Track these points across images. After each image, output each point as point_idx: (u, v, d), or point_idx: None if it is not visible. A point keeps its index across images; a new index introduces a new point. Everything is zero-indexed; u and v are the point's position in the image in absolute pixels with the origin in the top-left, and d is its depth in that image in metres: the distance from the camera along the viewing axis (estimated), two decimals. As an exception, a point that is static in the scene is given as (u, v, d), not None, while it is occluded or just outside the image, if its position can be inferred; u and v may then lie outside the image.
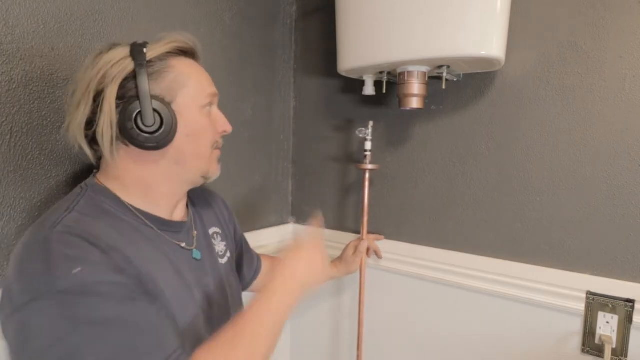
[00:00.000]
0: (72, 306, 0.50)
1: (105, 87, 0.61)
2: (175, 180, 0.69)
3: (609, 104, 0.85)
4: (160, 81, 0.64)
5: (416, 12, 0.85)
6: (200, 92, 0.68)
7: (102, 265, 0.54)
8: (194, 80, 0.68)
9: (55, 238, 0.54)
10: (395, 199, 1.15)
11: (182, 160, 0.67)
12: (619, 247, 0.86)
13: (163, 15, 0.94)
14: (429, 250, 1.09)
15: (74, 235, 0.55)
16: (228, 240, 0.86)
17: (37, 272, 0.52)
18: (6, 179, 0.71)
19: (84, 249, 0.54)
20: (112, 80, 0.61)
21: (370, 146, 1.07)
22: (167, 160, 0.66)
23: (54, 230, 0.55)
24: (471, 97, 1.01)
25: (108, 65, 0.62)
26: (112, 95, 0.61)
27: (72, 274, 0.51)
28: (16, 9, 0.71)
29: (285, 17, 1.29)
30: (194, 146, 0.68)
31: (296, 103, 1.34)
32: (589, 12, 0.86)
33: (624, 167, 0.84)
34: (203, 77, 0.70)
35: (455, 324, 1.06)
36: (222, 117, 0.74)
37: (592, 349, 0.88)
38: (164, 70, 0.64)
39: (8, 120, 0.71)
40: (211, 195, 0.89)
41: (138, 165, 0.66)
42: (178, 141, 0.65)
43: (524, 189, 0.95)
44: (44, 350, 0.49)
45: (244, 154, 1.19)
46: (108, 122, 0.61)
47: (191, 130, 0.67)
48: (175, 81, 0.65)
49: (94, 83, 0.62)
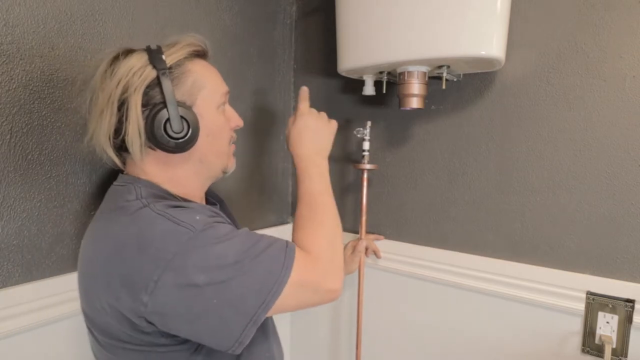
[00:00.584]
0: (214, 236, 0.59)
1: (129, 96, 0.63)
2: (201, 177, 0.73)
3: (609, 104, 0.85)
4: (180, 86, 0.66)
5: (416, 12, 0.85)
6: (216, 92, 0.71)
7: (206, 211, 0.63)
8: (210, 82, 0.70)
9: (158, 207, 0.60)
10: (395, 199, 1.15)
11: (206, 159, 0.71)
12: (619, 247, 0.86)
13: (163, 15, 0.94)
14: (429, 250, 1.09)
15: (166, 205, 0.61)
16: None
17: (169, 230, 0.57)
18: (6, 179, 0.71)
19: (183, 208, 0.61)
20: (135, 89, 0.63)
21: (368, 146, 1.06)
22: (192, 161, 0.70)
23: (150, 205, 0.60)
24: (471, 97, 1.01)
25: (129, 74, 0.63)
26: (137, 104, 0.63)
27: (197, 220, 0.59)
28: (16, 9, 0.71)
29: (285, 17, 1.29)
30: (214, 145, 0.71)
31: (296, 103, 1.33)
32: (589, 12, 0.86)
33: (624, 167, 0.84)
34: (217, 77, 0.73)
35: (455, 324, 1.06)
36: (234, 112, 0.77)
37: (592, 349, 0.88)
38: (183, 75, 0.67)
39: (8, 120, 0.71)
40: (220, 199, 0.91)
41: (167, 166, 0.69)
42: (201, 142, 0.68)
43: (524, 189, 0.95)
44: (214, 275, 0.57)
45: (244, 154, 1.19)
46: (136, 130, 0.63)
47: (211, 130, 0.70)
48: (194, 85, 0.67)
49: (116, 93, 0.63)
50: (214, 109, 0.70)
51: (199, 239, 0.57)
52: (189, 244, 0.56)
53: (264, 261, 0.60)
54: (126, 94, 0.63)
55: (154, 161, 0.68)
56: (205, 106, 0.69)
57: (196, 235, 0.57)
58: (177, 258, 0.56)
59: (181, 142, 0.64)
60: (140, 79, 0.63)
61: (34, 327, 0.75)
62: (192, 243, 0.57)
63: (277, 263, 0.60)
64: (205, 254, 0.57)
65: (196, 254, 0.57)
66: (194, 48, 0.69)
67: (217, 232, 0.60)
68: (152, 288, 0.55)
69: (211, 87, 0.70)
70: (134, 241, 0.57)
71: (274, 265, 0.60)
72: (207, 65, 0.72)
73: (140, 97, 0.63)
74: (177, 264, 0.56)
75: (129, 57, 0.65)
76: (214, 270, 0.57)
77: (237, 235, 0.61)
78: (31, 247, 0.75)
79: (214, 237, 0.59)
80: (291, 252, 0.62)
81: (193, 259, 0.56)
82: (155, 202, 0.61)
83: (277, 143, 1.30)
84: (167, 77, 0.63)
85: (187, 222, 0.58)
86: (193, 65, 0.68)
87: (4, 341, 0.71)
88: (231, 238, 0.60)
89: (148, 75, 0.63)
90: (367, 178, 1.09)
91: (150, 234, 0.57)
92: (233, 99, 1.14)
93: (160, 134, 0.63)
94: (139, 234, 0.58)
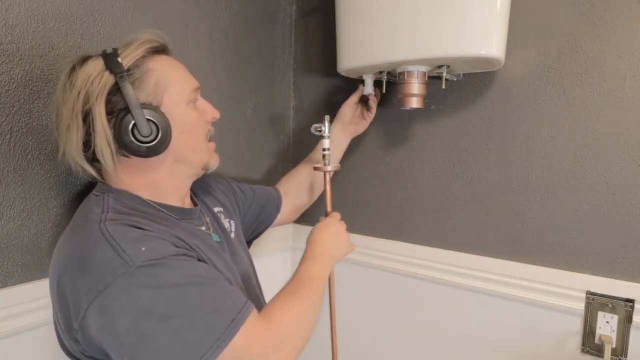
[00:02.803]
0: (152, 277, 0.53)
1: (92, 106, 0.61)
2: (180, 176, 0.71)
3: (609, 104, 0.85)
4: (144, 87, 0.64)
5: (416, 12, 0.85)
6: (184, 88, 0.68)
7: (161, 241, 0.58)
8: (176, 78, 0.68)
9: (111, 228, 0.56)
10: (395, 199, 1.15)
11: (182, 157, 0.69)
12: (619, 247, 0.86)
13: (163, 15, 0.94)
14: (429, 250, 1.08)
15: (123, 224, 0.58)
16: (232, 214, 0.89)
17: (108, 258, 0.53)
18: (6, 179, 0.71)
19: (136, 232, 0.57)
20: (97, 98, 0.60)
21: (328, 144, 0.93)
22: (168, 162, 0.68)
23: (106, 224, 0.57)
24: (471, 97, 1.01)
25: (88, 83, 0.61)
26: (102, 113, 0.61)
27: (143, 251, 0.54)
28: (16, 9, 0.71)
29: (285, 17, 1.29)
30: (189, 142, 0.69)
31: (296, 103, 1.34)
32: (589, 12, 0.86)
33: (624, 167, 0.84)
34: (183, 72, 0.70)
35: (455, 323, 1.06)
36: (208, 105, 0.74)
37: (592, 349, 0.88)
38: (144, 75, 0.64)
39: (8, 120, 0.71)
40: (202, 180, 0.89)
41: (143, 172, 0.67)
42: (174, 141, 0.66)
43: (524, 189, 0.95)
44: (135, 323, 0.52)
45: (244, 154, 1.19)
46: (105, 140, 0.61)
47: (183, 127, 0.68)
48: (158, 84, 0.65)
49: (78, 104, 0.61)
50: (184, 105, 0.68)
51: (135, 275, 0.52)
52: (122, 279, 0.52)
53: (199, 327, 0.53)
54: (89, 105, 0.61)
55: (129, 169, 0.66)
56: (173, 104, 0.66)
57: (132, 270, 0.52)
58: (108, 291, 0.52)
59: (153, 145, 0.63)
60: (99, 87, 0.60)
61: (34, 327, 0.75)
62: (127, 279, 0.52)
63: (213, 333, 0.53)
64: (136, 295, 0.52)
65: (126, 292, 0.52)
66: (151, 45, 0.67)
67: (160, 273, 0.54)
68: (82, 316, 0.54)
69: (178, 84, 0.67)
70: (78, 263, 0.55)
71: (210, 335, 0.53)
72: (171, 61, 0.69)
73: (103, 106, 0.60)
74: (106, 299, 0.52)
75: (85, 65, 0.62)
76: (139, 317, 0.52)
77: (188, 284, 0.55)
78: (31, 247, 0.75)
79: (153, 277, 0.53)
80: (240, 320, 0.55)
81: (121, 298, 0.52)
82: (114, 221, 0.58)
83: (277, 143, 1.30)
84: (126, 81, 0.61)
85: (128, 253, 0.53)
86: (154, 63, 0.66)
87: (4, 341, 0.71)
88: (174, 285, 0.54)
89: (107, 82, 0.61)
90: (329, 181, 0.94)
91: (90, 258, 0.54)
92: (233, 99, 1.15)
93: (130, 140, 0.61)
94: (83, 257, 0.55)
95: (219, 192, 0.91)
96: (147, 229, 0.59)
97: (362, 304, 1.22)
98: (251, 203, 0.97)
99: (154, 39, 0.67)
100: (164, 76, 0.66)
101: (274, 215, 1.01)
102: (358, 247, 1.19)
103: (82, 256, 0.55)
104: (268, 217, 1.00)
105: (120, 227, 0.57)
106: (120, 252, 0.53)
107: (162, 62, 0.67)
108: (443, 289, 1.07)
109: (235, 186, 0.96)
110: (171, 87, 0.66)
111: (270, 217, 1.01)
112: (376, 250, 1.17)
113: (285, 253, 1.35)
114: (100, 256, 0.54)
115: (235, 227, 0.87)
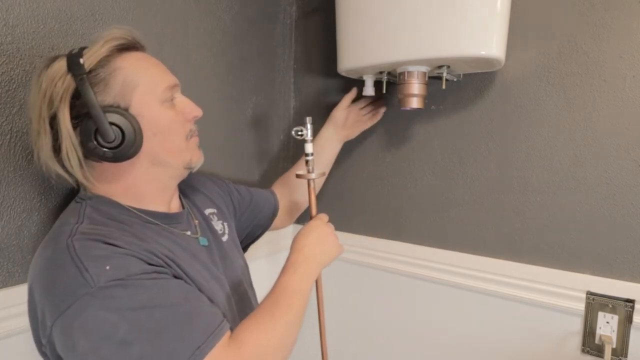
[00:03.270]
0: (114, 299, 0.51)
1: (57, 110, 0.58)
2: (160, 179, 0.68)
3: (609, 104, 0.85)
4: (110, 88, 0.60)
5: (416, 12, 0.85)
6: (156, 86, 0.64)
7: (128, 259, 0.55)
8: (146, 76, 0.63)
9: (78, 244, 0.54)
10: (395, 199, 1.15)
11: (158, 160, 0.66)
12: (619, 247, 0.86)
13: (163, 15, 0.94)
14: (429, 250, 1.08)
15: (91, 239, 0.55)
16: (226, 216, 0.87)
17: (71, 277, 0.52)
18: (6, 179, 0.71)
19: (104, 248, 0.55)
20: (61, 101, 0.58)
21: (311, 149, 0.84)
22: (144, 165, 0.65)
23: (74, 239, 0.55)
24: (471, 97, 1.01)
25: (52, 85, 0.58)
26: (66, 117, 0.58)
27: (106, 270, 0.52)
28: (16, 9, 0.71)
29: (285, 17, 1.29)
30: (165, 143, 0.65)
31: (296, 103, 1.34)
32: (589, 12, 0.86)
33: (624, 167, 0.84)
34: (155, 69, 0.66)
35: (455, 324, 1.06)
36: (189, 103, 0.70)
37: (592, 349, 0.88)
38: (111, 75, 0.60)
39: (8, 120, 0.71)
40: (197, 179, 0.88)
41: (118, 177, 0.65)
42: (149, 143, 0.63)
43: (524, 189, 0.95)
44: (95, 347, 0.50)
45: (244, 154, 1.19)
46: (70, 145, 0.59)
47: (157, 128, 0.64)
48: (125, 83, 0.61)
49: (44, 108, 0.59)
50: (157, 105, 0.64)
51: (97, 297, 0.50)
52: (84, 300, 0.50)
53: (160, 355, 0.51)
54: (53, 109, 0.58)
55: (103, 174, 0.64)
56: (144, 104, 0.62)
57: (94, 291, 0.50)
58: (70, 312, 0.50)
59: (120, 149, 0.59)
60: (62, 90, 0.58)
61: (34, 327, 0.75)
62: (88, 300, 0.50)
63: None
64: (96, 318, 0.50)
65: (86, 314, 0.50)
66: (117, 42, 0.62)
67: (123, 294, 0.52)
68: (48, 333, 0.53)
69: (148, 82, 0.63)
70: (44, 279, 0.54)
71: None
72: (141, 58, 0.65)
73: (67, 110, 0.58)
74: (67, 320, 0.51)
75: (52, 66, 0.60)
76: (99, 341, 0.50)
77: (153, 307, 0.52)
78: (31, 247, 0.75)
79: (115, 298, 0.51)
80: (206, 347, 0.52)
81: (82, 319, 0.50)
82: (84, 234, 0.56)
83: (276, 143, 1.30)
84: (86, 83, 0.58)
85: (90, 273, 0.51)
86: (122, 61, 0.62)
87: (4, 341, 0.71)
88: (137, 308, 0.52)
89: (69, 85, 0.58)
90: (314, 190, 0.87)
91: (55, 276, 0.53)
92: (233, 99, 1.15)
93: (93, 146, 0.58)
94: (48, 274, 0.54)
95: (213, 192, 0.89)
96: (116, 243, 0.56)
97: (362, 304, 1.22)
98: (247, 205, 0.95)
99: (121, 36, 0.63)
100: (133, 75, 0.62)
101: (270, 219, 1.00)
102: (358, 247, 1.20)
103: (47, 273, 0.54)
104: (265, 220, 0.99)
105: (88, 243, 0.55)
106: (83, 272, 0.51)
107: (131, 60, 0.63)
108: (443, 289, 1.07)
109: (232, 187, 0.95)
110: (140, 86, 0.62)
111: (267, 221, 0.99)
112: (376, 250, 1.17)
113: (283, 253, 1.35)
114: (64, 275, 0.52)
115: (228, 229, 0.85)
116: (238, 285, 0.78)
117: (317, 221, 0.79)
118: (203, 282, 0.66)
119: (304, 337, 0.64)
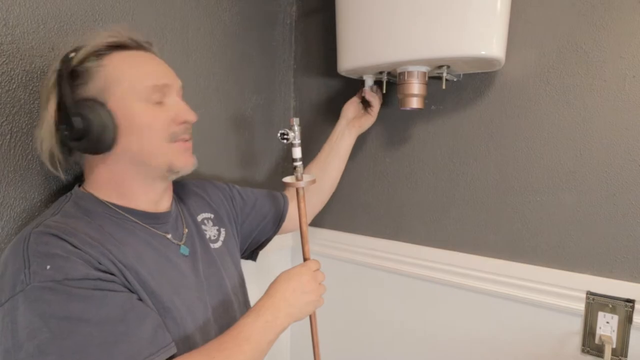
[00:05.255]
0: (42, 302, 0.51)
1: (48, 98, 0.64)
2: (142, 177, 0.68)
3: (609, 104, 0.85)
4: (93, 83, 0.63)
5: (416, 12, 0.85)
6: (139, 83, 0.64)
7: (74, 261, 0.54)
8: (131, 74, 0.64)
9: (32, 238, 0.56)
10: (395, 199, 1.15)
11: (137, 159, 0.65)
12: (619, 247, 0.86)
13: (163, 15, 0.94)
14: (429, 250, 1.08)
15: (48, 234, 0.56)
16: (224, 222, 0.86)
17: (16, 269, 0.53)
18: (6, 179, 0.71)
19: (55, 245, 0.55)
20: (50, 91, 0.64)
21: (299, 154, 0.79)
22: (123, 162, 0.66)
23: (34, 230, 0.57)
24: (471, 97, 1.01)
25: (47, 76, 0.65)
26: (52, 106, 0.63)
27: (46, 270, 0.52)
28: (16, 9, 0.71)
29: (285, 17, 1.29)
30: (141, 143, 0.64)
31: (296, 103, 1.34)
32: (589, 12, 0.86)
33: (624, 167, 0.84)
34: (145, 68, 0.66)
35: (455, 324, 1.06)
36: (182, 106, 0.68)
37: (592, 349, 0.88)
38: (95, 70, 0.62)
39: (8, 120, 0.71)
40: (200, 184, 0.88)
41: (103, 166, 0.67)
42: (123, 140, 0.63)
43: (524, 189, 0.95)
44: (20, 344, 0.50)
45: (244, 154, 1.19)
46: (48, 132, 0.64)
47: (135, 127, 0.63)
48: (107, 80, 0.62)
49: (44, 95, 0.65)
50: (137, 103, 0.63)
51: (28, 296, 0.51)
52: (17, 297, 0.51)
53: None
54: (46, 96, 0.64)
55: (87, 167, 0.68)
56: (122, 101, 0.62)
57: (27, 290, 0.51)
58: (6, 305, 0.52)
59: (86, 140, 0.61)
60: (52, 81, 0.64)
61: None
62: (20, 297, 0.51)
63: None
64: (22, 317, 0.50)
65: (15, 312, 0.51)
66: (110, 40, 0.64)
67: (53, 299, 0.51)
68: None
69: (131, 80, 0.63)
70: (2, 264, 0.56)
71: None
72: (134, 56, 0.66)
73: (54, 99, 0.63)
74: (2, 311, 0.52)
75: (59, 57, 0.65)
76: (18, 341, 0.50)
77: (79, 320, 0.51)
78: (31, 247, 0.75)
79: (44, 302, 0.51)
80: None
81: (11, 315, 0.51)
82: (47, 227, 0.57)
83: (276, 143, 1.30)
84: (62, 75, 0.62)
85: (30, 270, 0.52)
86: (111, 58, 0.63)
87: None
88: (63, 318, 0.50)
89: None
90: (303, 197, 0.82)
91: (5, 265, 0.55)
92: (233, 99, 1.15)
93: (62, 134, 0.63)
94: (4, 260, 0.56)
95: (214, 196, 0.87)
96: (70, 240, 0.56)
97: (362, 304, 1.22)
98: (250, 210, 0.92)
99: (115, 34, 0.65)
100: (117, 71, 0.63)
101: (274, 226, 0.96)
102: (358, 247, 1.20)
103: (4, 259, 0.57)
104: (268, 227, 0.95)
105: (42, 238, 0.55)
106: (25, 267, 0.52)
107: (120, 58, 0.64)
108: (443, 289, 1.07)
109: (235, 192, 0.92)
110: (122, 82, 0.63)
111: (271, 228, 0.96)
112: (376, 250, 1.17)
113: (284, 251, 1.35)
114: (11, 267, 0.54)
115: (225, 235, 0.83)
116: (223, 295, 0.75)
117: (303, 268, 0.73)
118: (167, 292, 0.64)
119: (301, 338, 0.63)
